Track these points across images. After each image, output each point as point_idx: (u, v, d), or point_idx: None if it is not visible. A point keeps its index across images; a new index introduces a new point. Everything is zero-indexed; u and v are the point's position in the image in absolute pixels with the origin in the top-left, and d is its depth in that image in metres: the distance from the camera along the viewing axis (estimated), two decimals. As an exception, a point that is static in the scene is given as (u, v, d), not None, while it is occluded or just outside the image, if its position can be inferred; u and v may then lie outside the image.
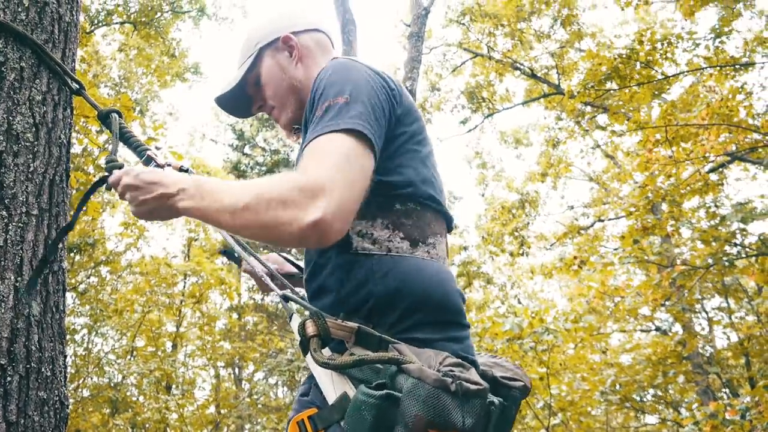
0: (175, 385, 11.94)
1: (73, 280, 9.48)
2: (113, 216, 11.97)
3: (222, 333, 13.64)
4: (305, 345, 1.10)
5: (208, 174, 14.38)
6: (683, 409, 11.07)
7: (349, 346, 1.13)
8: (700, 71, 7.80)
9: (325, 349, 1.14)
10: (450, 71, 13.69)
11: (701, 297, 10.35)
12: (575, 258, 9.13)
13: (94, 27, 11.26)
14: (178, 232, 15.53)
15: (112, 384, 10.41)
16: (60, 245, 1.52)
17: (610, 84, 7.69)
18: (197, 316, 12.50)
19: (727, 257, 6.95)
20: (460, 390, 0.99)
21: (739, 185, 25.54)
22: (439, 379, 0.99)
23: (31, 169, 1.45)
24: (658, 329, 11.87)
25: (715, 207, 7.36)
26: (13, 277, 1.35)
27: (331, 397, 1.10)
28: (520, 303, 16.36)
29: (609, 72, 7.38)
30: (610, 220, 11.49)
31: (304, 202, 1.05)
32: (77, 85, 1.65)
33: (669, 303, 8.90)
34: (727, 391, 10.23)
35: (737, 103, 6.83)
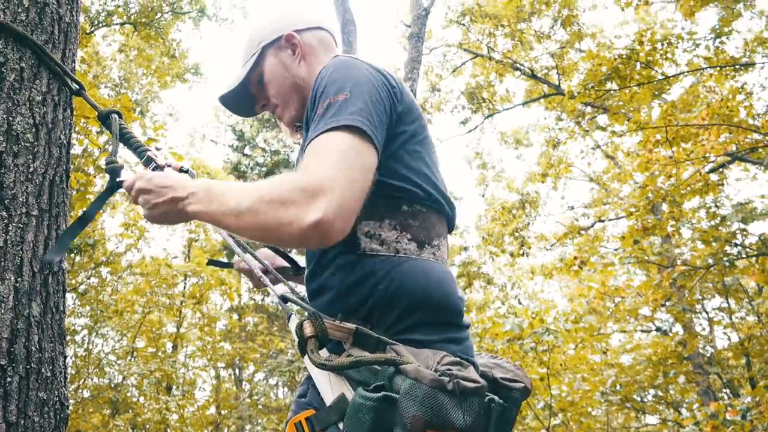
0: (175, 386, 11.94)
1: (73, 280, 9.48)
2: (113, 217, 11.99)
3: (222, 334, 13.63)
4: (303, 346, 1.10)
5: (208, 175, 14.38)
6: (684, 410, 11.06)
7: (346, 347, 1.12)
8: (700, 71, 7.80)
9: (323, 350, 1.14)
10: (450, 72, 13.69)
11: (702, 297, 10.35)
12: (575, 258, 9.12)
13: (94, 28, 11.26)
14: (179, 233, 15.53)
15: (113, 385, 10.41)
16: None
17: (610, 84, 7.69)
18: (197, 316, 12.50)
19: (728, 257, 6.94)
20: (458, 388, 0.99)
21: (740, 185, 25.54)
22: (436, 379, 0.99)
23: (31, 169, 1.45)
24: (658, 329, 11.87)
25: (715, 207, 7.35)
26: (13, 277, 1.35)
27: (328, 399, 1.09)
28: (521, 303, 16.35)
29: (609, 72, 7.38)
30: (610, 220, 11.49)
31: (305, 202, 1.05)
32: (77, 86, 1.65)
33: (669, 303, 8.90)
34: (727, 391, 10.22)
35: (737, 103, 6.83)
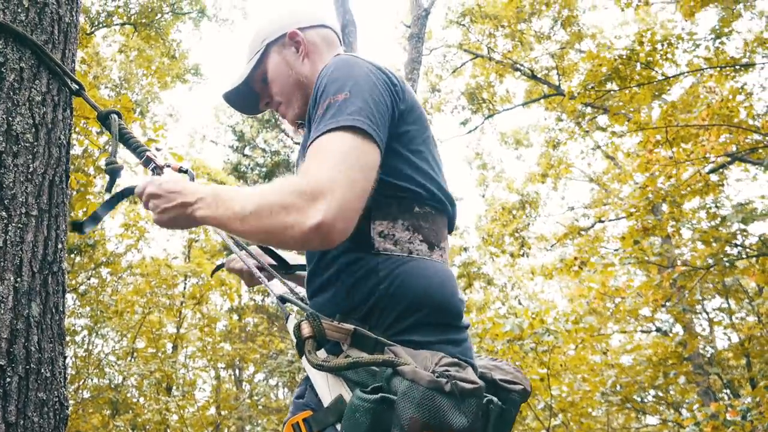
0: (175, 387, 11.94)
1: (73, 281, 9.48)
2: (113, 217, 11.96)
3: (222, 334, 13.63)
4: (300, 346, 1.09)
5: (208, 175, 14.39)
6: (684, 410, 11.05)
7: (344, 348, 1.12)
8: (700, 72, 7.80)
9: (321, 351, 1.13)
10: (450, 72, 13.70)
11: (702, 298, 10.35)
12: (576, 259, 9.12)
13: (94, 28, 11.27)
14: (179, 234, 15.50)
15: (113, 385, 10.41)
16: (60, 246, 1.52)
17: (610, 85, 7.69)
18: (198, 317, 12.49)
19: (728, 258, 6.94)
20: (456, 390, 0.99)
21: (740, 186, 25.57)
22: (433, 381, 0.99)
23: (30, 169, 1.45)
24: (658, 330, 11.85)
25: (715, 208, 7.34)
26: (12, 278, 1.35)
27: (326, 400, 1.09)
28: (521, 304, 16.34)
29: (609, 73, 7.38)
30: (610, 220, 11.48)
31: (305, 205, 1.05)
32: (77, 86, 1.65)
33: (669, 304, 8.90)
34: (728, 391, 10.22)
35: (737, 103, 6.84)
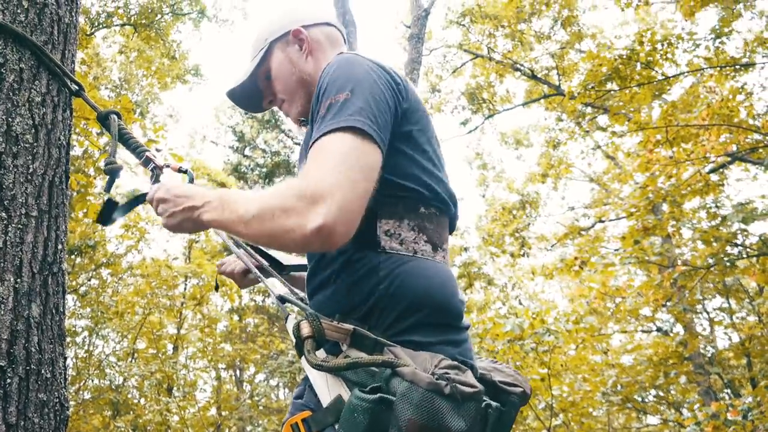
0: (176, 387, 11.93)
1: (73, 282, 9.48)
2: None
3: (223, 335, 13.63)
4: (300, 346, 1.09)
5: (208, 176, 14.39)
6: (685, 410, 11.04)
7: (344, 348, 1.12)
8: (700, 72, 7.80)
9: (320, 351, 1.13)
10: (450, 72, 13.70)
11: (702, 297, 10.34)
12: (576, 259, 9.11)
13: (94, 29, 11.27)
14: (179, 234, 15.50)
15: (113, 386, 10.40)
16: (60, 246, 1.52)
17: (610, 85, 7.69)
18: (198, 318, 12.49)
19: (728, 258, 6.93)
20: (455, 393, 0.99)
21: (740, 186, 25.50)
22: (433, 383, 0.98)
23: (30, 170, 1.45)
24: (659, 330, 11.85)
25: (715, 207, 7.34)
26: (12, 278, 1.35)
27: (325, 400, 1.09)
28: (521, 304, 16.32)
29: (609, 73, 7.38)
30: (610, 220, 11.48)
31: (305, 209, 1.04)
32: (77, 87, 1.65)
33: (670, 303, 8.90)
34: (728, 391, 10.21)
35: (737, 103, 6.83)
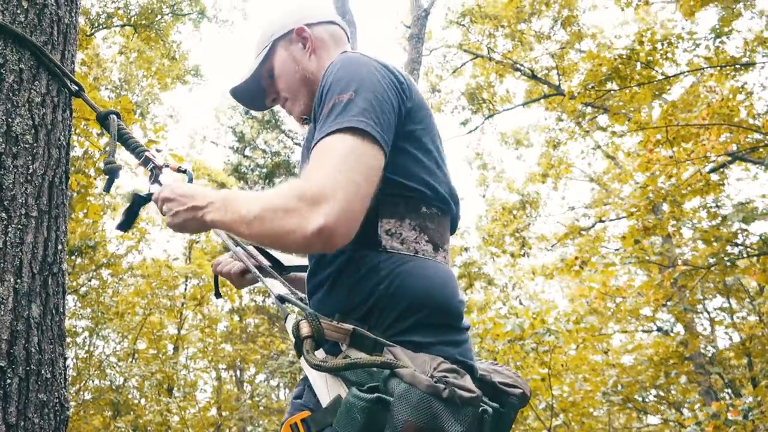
0: (176, 388, 11.94)
1: (74, 282, 9.48)
2: (114, 219, 11.97)
3: (223, 335, 13.63)
4: (299, 346, 1.09)
5: (208, 176, 14.39)
6: (685, 410, 11.04)
7: (343, 348, 1.11)
8: (700, 71, 7.79)
9: (319, 351, 1.13)
10: (450, 72, 13.70)
11: (703, 297, 10.34)
12: (576, 259, 9.11)
13: (94, 30, 11.27)
14: (179, 235, 15.51)
15: (114, 387, 10.40)
16: (60, 247, 1.51)
17: (610, 84, 7.68)
18: (198, 318, 12.49)
19: (729, 257, 6.93)
20: (453, 397, 0.99)
21: (740, 185, 25.58)
22: (432, 386, 0.98)
23: (30, 171, 1.45)
24: (659, 330, 11.85)
25: (716, 207, 7.34)
26: (12, 279, 1.35)
27: (324, 400, 1.08)
28: (522, 304, 16.32)
29: (609, 72, 7.37)
30: (611, 220, 11.47)
31: (306, 210, 1.04)
32: (76, 87, 1.65)
33: (670, 303, 8.90)
34: (729, 391, 10.20)
35: (738, 103, 6.83)
